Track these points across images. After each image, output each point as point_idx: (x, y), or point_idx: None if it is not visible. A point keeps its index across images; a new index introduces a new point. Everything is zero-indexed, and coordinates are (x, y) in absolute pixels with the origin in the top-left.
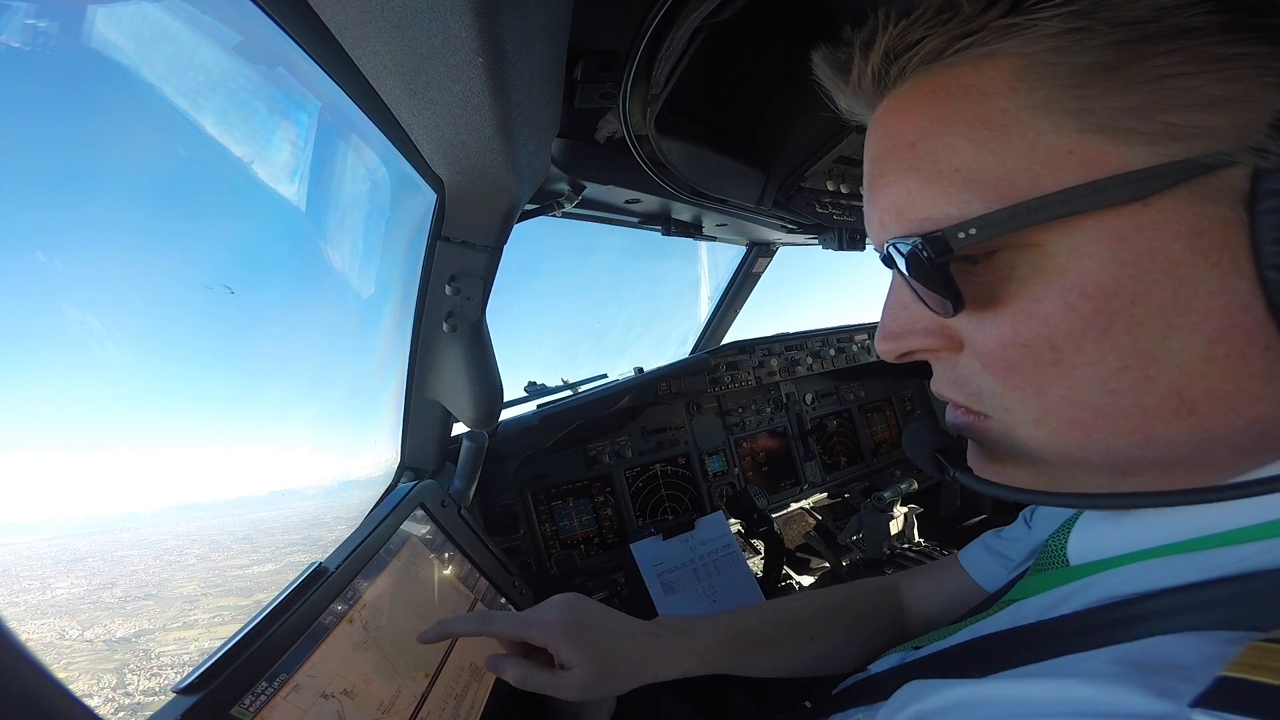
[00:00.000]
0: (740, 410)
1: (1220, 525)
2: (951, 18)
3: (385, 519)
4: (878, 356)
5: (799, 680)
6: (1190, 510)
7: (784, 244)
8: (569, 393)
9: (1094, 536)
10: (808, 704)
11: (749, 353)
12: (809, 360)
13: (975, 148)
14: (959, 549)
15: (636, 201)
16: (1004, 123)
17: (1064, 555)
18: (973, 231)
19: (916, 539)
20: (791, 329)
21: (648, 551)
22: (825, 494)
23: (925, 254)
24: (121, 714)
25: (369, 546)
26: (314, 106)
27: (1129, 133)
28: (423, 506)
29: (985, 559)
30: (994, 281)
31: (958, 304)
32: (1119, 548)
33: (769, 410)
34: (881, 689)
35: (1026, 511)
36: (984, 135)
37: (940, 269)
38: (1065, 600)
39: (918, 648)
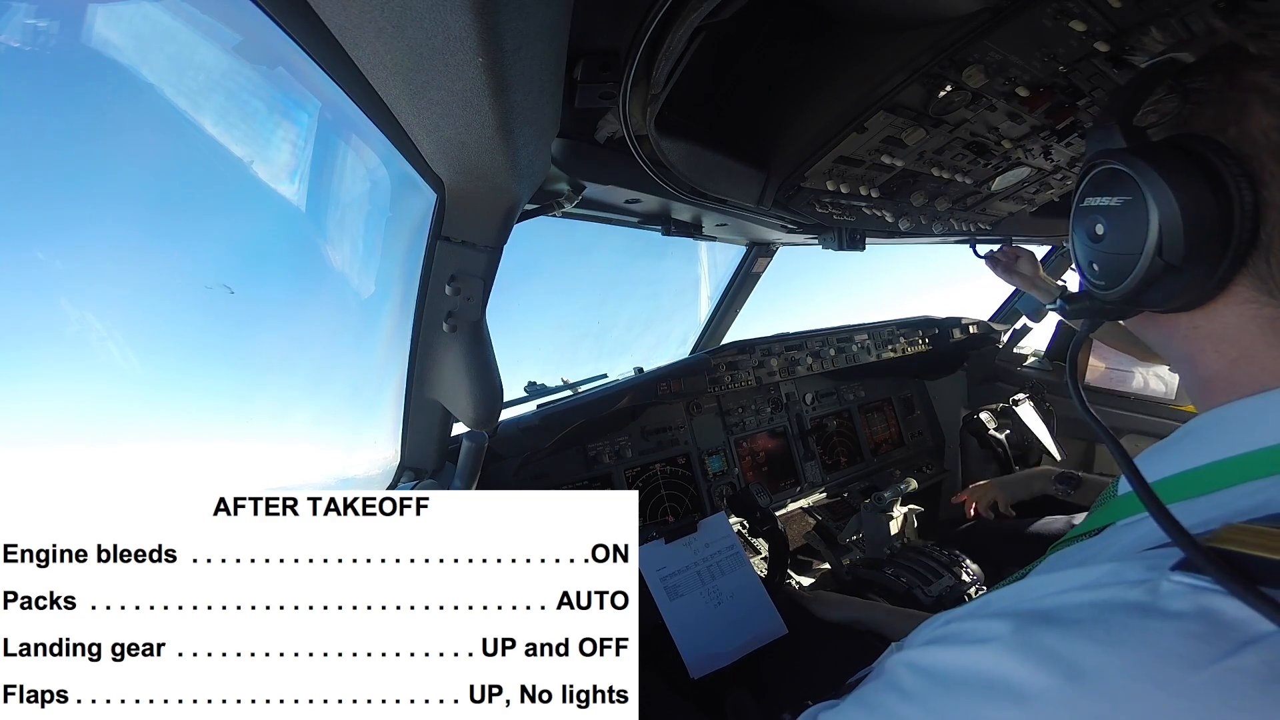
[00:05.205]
0: (740, 410)
1: (1236, 449)
2: None
3: None
4: (877, 357)
5: (800, 679)
6: (1210, 440)
7: (784, 244)
8: (569, 393)
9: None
10: (809, 702)
11: (749, 353)
12: (809, 360)
13: None
14: (958, 549)
15: (636, 201)
16: None
17: (1115, 490)
18: None
19: (916, 539)
20: (791, 329)
21: (650, 556)
22: (825, 494)
23: None
24: None
25: None
26: (314, 106)
27: None
28: None
29: None
30: None
31: None
32: (1160, 474)
33: (769, 410)
34: None
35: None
36: None
37: None
38: (1104, 537)
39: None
